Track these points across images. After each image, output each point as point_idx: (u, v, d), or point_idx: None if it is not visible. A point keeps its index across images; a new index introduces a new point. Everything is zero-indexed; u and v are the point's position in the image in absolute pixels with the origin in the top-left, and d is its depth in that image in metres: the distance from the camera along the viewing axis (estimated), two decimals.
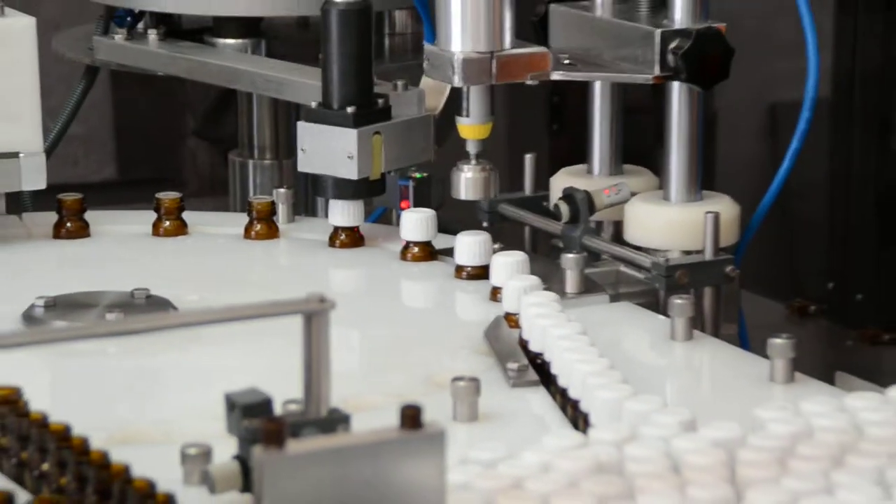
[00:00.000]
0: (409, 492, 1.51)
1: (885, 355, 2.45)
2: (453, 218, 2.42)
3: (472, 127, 2.34)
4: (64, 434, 1.70)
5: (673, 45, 2.23)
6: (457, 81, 2.28)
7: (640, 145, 2.47)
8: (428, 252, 2.42)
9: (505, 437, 1.75)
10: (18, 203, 2.51)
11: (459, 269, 2.35)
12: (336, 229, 2.49)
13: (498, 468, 1.62)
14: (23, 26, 2.40)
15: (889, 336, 2.54)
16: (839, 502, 1.56)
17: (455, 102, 2.39)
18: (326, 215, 2.51)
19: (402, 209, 2.45)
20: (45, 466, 1.68)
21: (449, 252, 2.39)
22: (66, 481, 1.65)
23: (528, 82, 2.33)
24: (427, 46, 2.35)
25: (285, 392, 1.66)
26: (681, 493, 1.58)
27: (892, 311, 2.85)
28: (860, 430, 1.71)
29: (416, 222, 2.41)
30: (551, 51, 2.34)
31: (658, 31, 2.25)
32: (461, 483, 1.56)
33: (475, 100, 2.31)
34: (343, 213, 2.47)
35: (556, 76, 2.32)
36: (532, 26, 2.40)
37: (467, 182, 2.36)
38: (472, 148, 2.35)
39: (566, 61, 2.32)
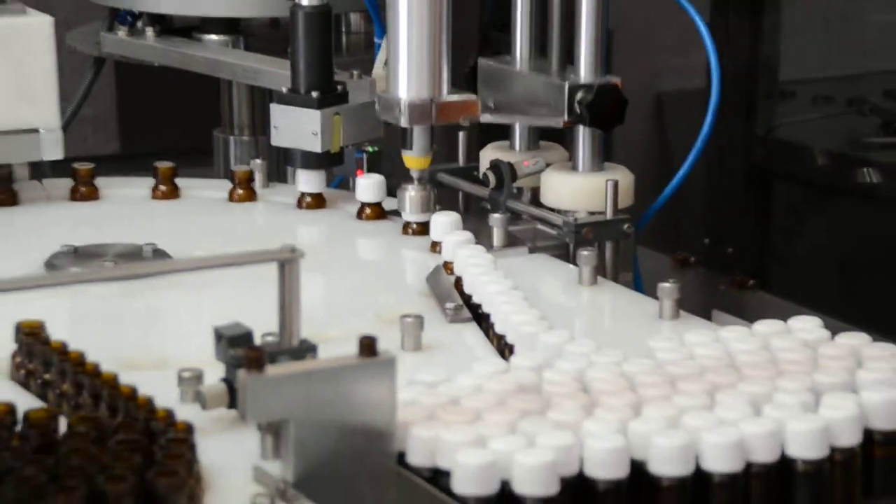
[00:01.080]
0: (366, 407, 1.52)
1: (750, 297, 2.47)
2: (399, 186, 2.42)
3: (415, 158, 2.33)
4: (80, 360, 1.71)
5: (578, 96, 2.24)
6: (403, 122, 2.27)
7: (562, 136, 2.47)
8: (379, 212, 2.43)
9: (444, 364, 1.76)
10: (39, 171, 2.50)
11: (406, 227, 2.37)
12: (303, 194, 2.49)
13: (439, 388, 1.64)
14: (42, 23, 2.39)
15: (753, 282, 2.56)
16: (715, 416, 1.57)
17: None
18: (294, 182, 2.51)
19: (358, 177, 2.44)
20: (65, 387, 1.69)
21: (397, 213, 2.40)
22: (82, 399, 1.65)
23: (462, 123, 2.34)
24: (379, 93, 2.35)
25: (263, 326, 1.67)
26: (589, 409, 1.60)
27: (755, 262, 2.86)
28: (732, 356, 1.72)
29: (369, 187, 2.43)
30: (480, 97, 2.33)
31: (566, 85, 2.26)
32: (409, 400, 1.57)
33: (418, 137, 2.31)
34: (309, 180, 2.47)
35: (484, 119, 2.33)
36: (464, 77, 2.39)
37: (411, 200, 2.35)
38: (415, 174, 2.35)
39: (492, 105, 2.32)
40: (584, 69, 2.27)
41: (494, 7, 2.67)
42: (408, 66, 2.26)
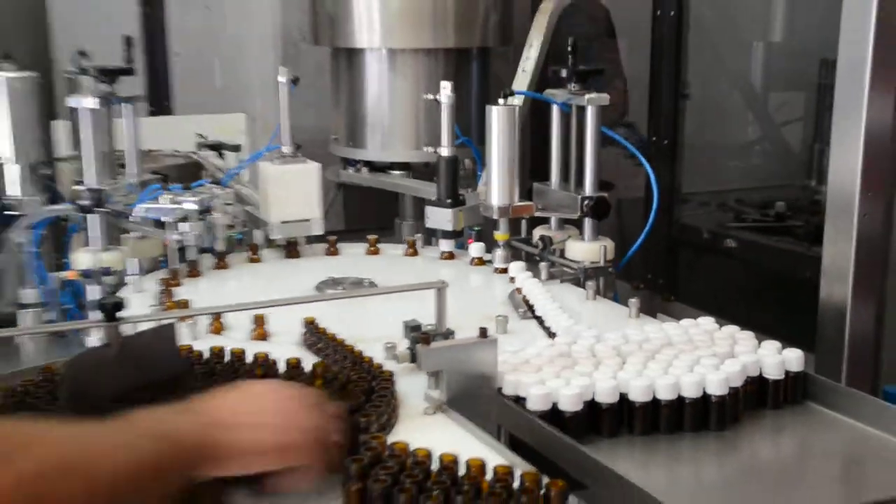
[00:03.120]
0: (481, 363, 1.52)
1: (673, 307, 2.44)
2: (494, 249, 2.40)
3: (500, 235, 2.31)
4: (334, 337, 1.71)
5: (586, 203, 2.21)
6: (495, 216, 2.24)
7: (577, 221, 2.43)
8: (482, 262, 2.38)
9: (519, 341, 1.75)
10: (311, 240, 2.48)
11: (496, 270, 2.31)
12: (443, 252, 2.46)
13: (518, 354, 1.64)
14: (313, 167, 2.39)
15: (674, 298, 2.54)
16: (663, 369, 1.55)
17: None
18: (438, 245, 2.48)
19: (469, 244, 2.42)
20: (328, 350, 1.68)
21: (490, 262, 2.36)
22: (337, 357, 1.64)
23: (524, 217, 2.33)
24: (480, 180, 2.33)
25: (426, 321, 1.69)
26: (598, 366, 1.57)
27: (674, 287, 2.81)
28: (669, 337, 1.70)
29: (476, 249, 2.39)
30: (533, 202, 2.30)
31: (579, 197, 2.22)
32: (503, 360, 1.56)
33: (502, 224, 2.29)
34: (447, 245, 2.44)
35: (537, 214, 2.30)
36: (526, 192, 2.33)
37: (499, 256, 2.34)
38: (500, 243, 2.32)
39: (541, 206, 2.30)
40: (588, 188, 2.22)
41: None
42: (498, 187, 2.22)
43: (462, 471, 1.22)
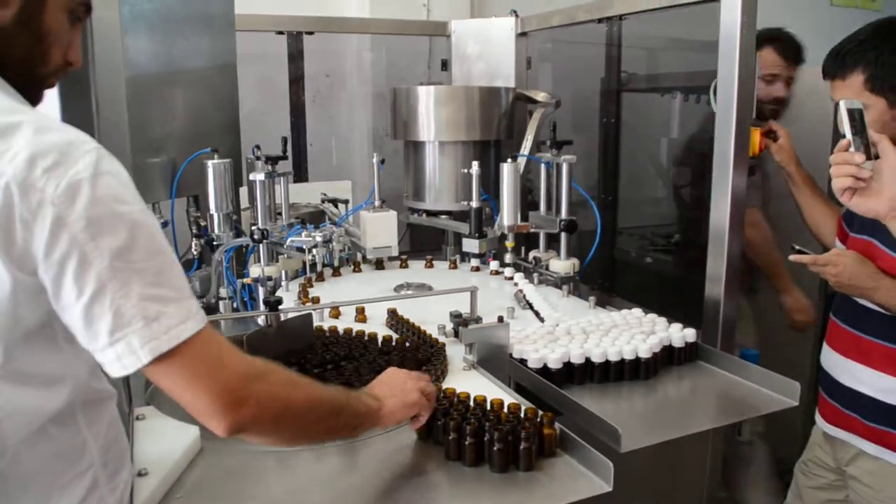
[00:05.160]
0: (499, 338, 1.51)
1: (614, 301, 2.39)
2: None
3: (509, 243, 2.29)
4: (406, 320, 1.68)
5: (561, 222, 2.18)
6: (506, 231, 2.23)
7: (556, 246, 2.39)
8: (497, 272, 2.34)
9: (521, 324, 1.73)
10: (390, 259, 2.47)
11: (506, 279, 2.27)
12: (472, 266, 2.42)
13: (521, 332, 1.62)
14: (392, 214, 2.34)
15: (615, 295, 2.49)
16: (612, 341, 1.53)
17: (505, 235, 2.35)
18: (470, 262, 2.46)
19: (489, 261, 2.38)
20: (400, 327, 1.66)
21: (501, 273, 2.32)
22: (405, 332, 1.62)
23: (524, 231, 2.28)
24: (497, 220, 2.29)
25: (465, 310, 1.64)
26: (571, 340, 1.56)
27: (615, 288, 2.77)
28: (615, 321, 1.68)
29: (494, 265, 2.35)
30: (529, 222, 2.28)
31: (558, 219, 2.19)
32: (512, 336, 1.55)
33: (510, 236, 2.27)
34: (475, 262, 2.41)
35: (531, 230, 2.27)
36: (524, 217, 2.31)
37: (508, 256, 2.32)
38: (509, 248, 2.30)
39: (534, 225, 2.27)
40: (564, 213, 2.19)
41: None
42: (507, 213, 2.20)
43: (488, 406, 1.22)
